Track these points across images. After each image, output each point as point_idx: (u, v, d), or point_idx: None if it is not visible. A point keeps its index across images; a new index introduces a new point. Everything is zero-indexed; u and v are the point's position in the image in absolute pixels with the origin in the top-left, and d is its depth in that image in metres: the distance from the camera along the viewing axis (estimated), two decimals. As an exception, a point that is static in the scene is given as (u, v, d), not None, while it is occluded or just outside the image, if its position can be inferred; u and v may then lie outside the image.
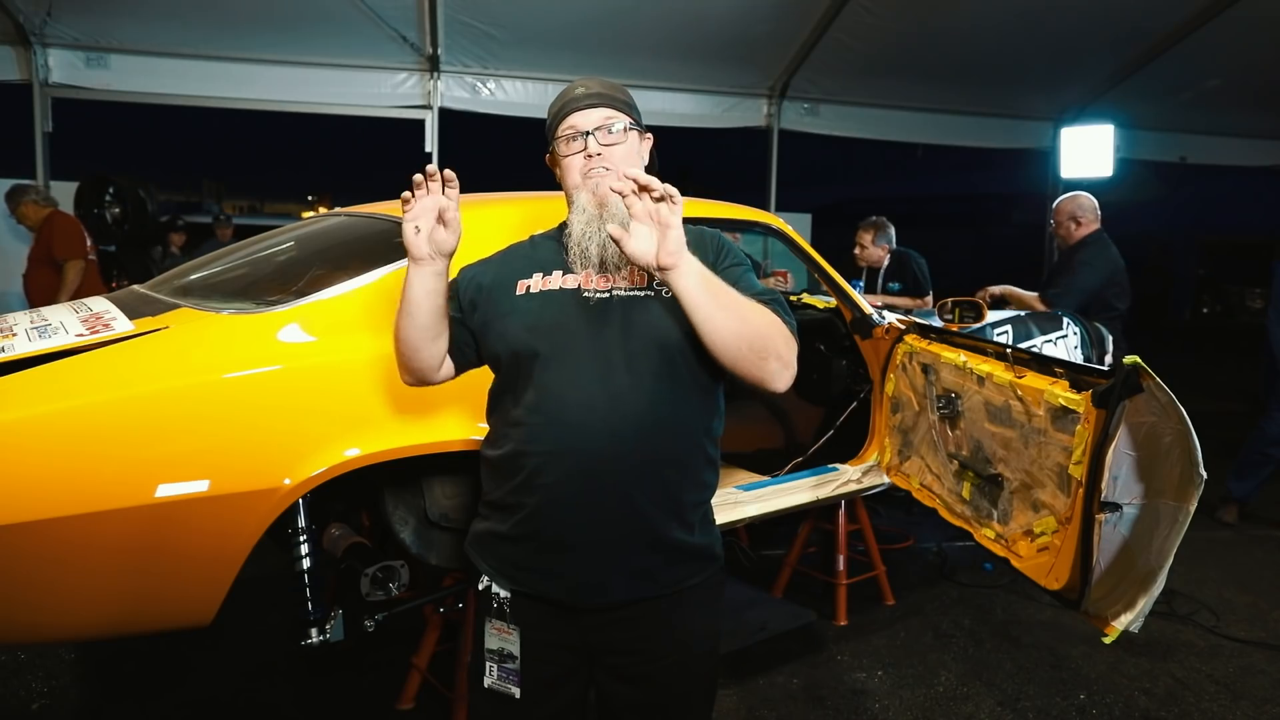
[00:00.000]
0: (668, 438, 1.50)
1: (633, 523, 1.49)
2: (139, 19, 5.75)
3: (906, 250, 5.20)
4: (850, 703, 2.88)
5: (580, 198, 1.54)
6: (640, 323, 1.50)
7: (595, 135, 1.54)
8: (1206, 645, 3.33)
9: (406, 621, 2.42)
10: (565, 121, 1.56)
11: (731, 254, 1.63)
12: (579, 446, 1.46)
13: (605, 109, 1.56)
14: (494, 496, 1.58)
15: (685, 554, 1.56)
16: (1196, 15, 6.54)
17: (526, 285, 1.57)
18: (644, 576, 1.53)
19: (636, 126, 1.60)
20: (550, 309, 1.53)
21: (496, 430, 1.59)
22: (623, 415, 1.46)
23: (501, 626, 1.57)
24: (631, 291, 1.53)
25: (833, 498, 3.19)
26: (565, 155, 1.56)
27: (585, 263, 1.52)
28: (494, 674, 1.58)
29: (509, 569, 1.56)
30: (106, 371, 1.87)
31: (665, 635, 1.56)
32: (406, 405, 2.04)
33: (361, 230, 2.66)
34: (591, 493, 1.47)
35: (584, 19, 6.10)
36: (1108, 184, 7.37)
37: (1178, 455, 2.02)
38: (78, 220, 5.62)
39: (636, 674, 1.57)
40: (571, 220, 1.55)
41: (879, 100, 7.42)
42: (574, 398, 1.46)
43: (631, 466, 1.47)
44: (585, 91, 1.57)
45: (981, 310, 3.62)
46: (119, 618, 1.95)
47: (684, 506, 1.55)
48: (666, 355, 1.49)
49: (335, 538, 2.32)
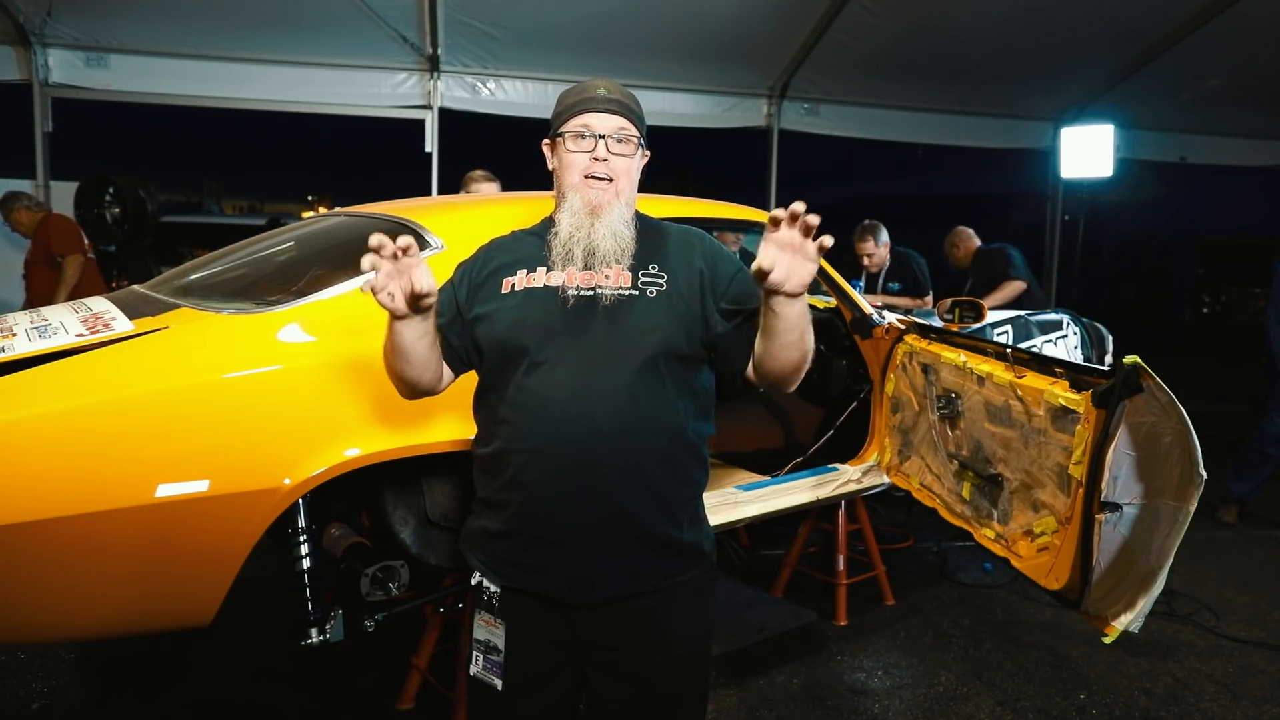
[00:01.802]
0: (652, 435, 1.50)
1: (619, 519, 1.50)
2: (139, 19, 5.75)
3: (906, 250, 5.21)
4: (850, 703, 2.88)
5: (574, 199, 1.54)
6: (625, 321, 1.51)
7: (607, 141, 1.54)
8: (1206, 645, 3.33)
9: (406, 621, 2.42)
10: (580, 118, 1.55)
11: (730, 260, 1.64)
12: (563, 443, 1.46)
13: (622, 118, 1.56)
14: (484, 494, 1.59)
15: (673, 550, 1.57)
16: (1196, 15, 6.54)
17: (511, 283, 1.57)
18: (631, 573, 1.53)
19: (642, 144, 1.61)
20: (534, 306, 1.53)
21: (484, 428, 1.60)
22: (606, 412, 1.46)
23: (489, 619, 1.59)
24: (616, 290, 1.53)
25: (833, 498, 3.19)
26: (571, 151, 1.56)
27: (569, 262, 1.52)
28: (479, 663, 1.61)
29: (498, 564, 1.58)
30: (106, 371, 1.88)
31: (653, 632, 1.57)
32: (406, 406, 2.03)
33: (361, 230, 2.64)
34: (576, 489, 1.48)
35: (584, 19, 6.10)
36: (1108, 184, 7.38)
37: (1178, 455, 2.02)
38: (73, 220, 5.63)
39: (624, 670, 1.57)
40: (560, 217, 1.55)
41: (879, 100, 7.41)
42: (557, 395, 1.47)
43: (616, 463, 1.48)
44: (606, 95, 1.57)
45: (981, 310, 3.62)
46: (119, 618, 1.95)
47: (671, 503, 1.55)
48: (650, 354, 1.50)
49: (335, 538, 2.32)
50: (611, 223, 1.53)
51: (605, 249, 1.52)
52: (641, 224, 1.63)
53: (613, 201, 1.55)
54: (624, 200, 1.57)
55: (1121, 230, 14.12)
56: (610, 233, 1.52)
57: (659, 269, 1.57)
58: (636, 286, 1.54)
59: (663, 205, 2.60)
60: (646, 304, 1.52)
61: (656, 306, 1.52)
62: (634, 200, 1.62)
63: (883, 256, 5.10)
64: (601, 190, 1.54)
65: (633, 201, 1.61)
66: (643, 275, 1.55)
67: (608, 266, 1.52)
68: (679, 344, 1.52)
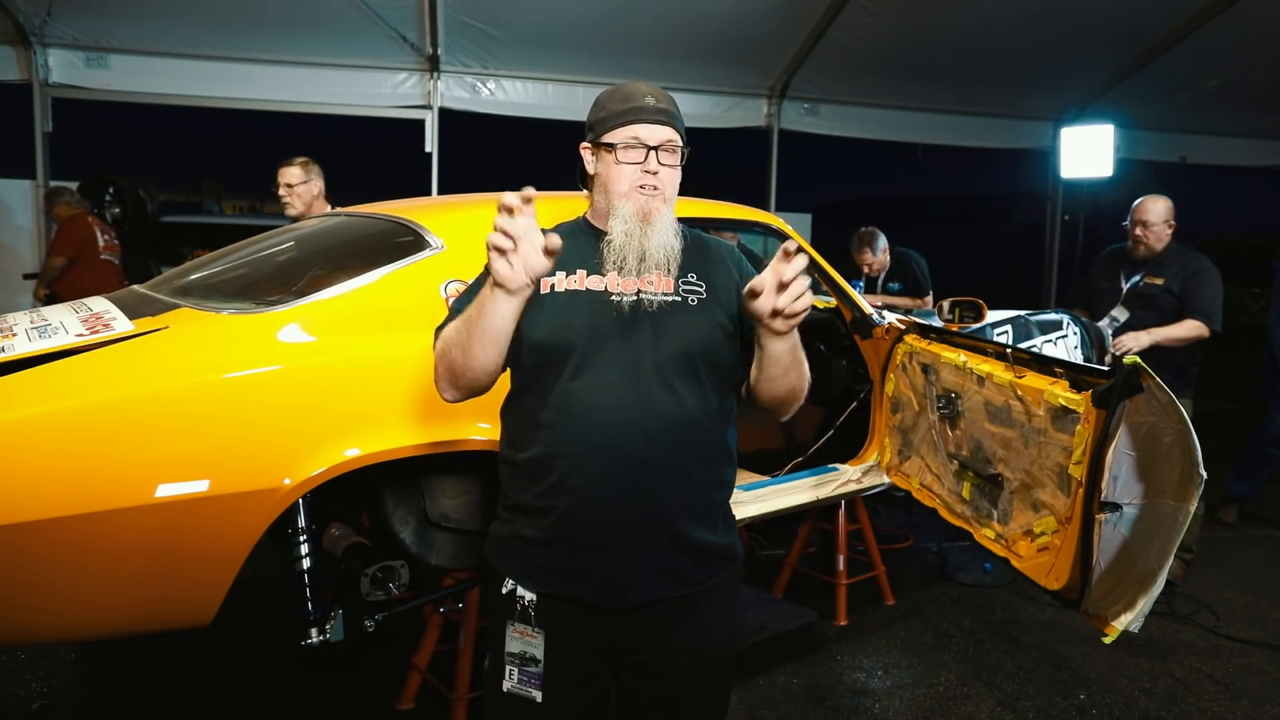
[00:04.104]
0: (698, 439, 1.53)
1: (662, 523, 1.51)
2: (139, 19, 5.74)
3: (906, 250, 5.21)
4: (850, 703, 2.88)
5: (624, 207, 1.53)
6: (669, 327, 1.52)
7: (657, 154, 1.54)
8: (1206, 645, 3.33)
9: (406, 621, 2.42)
10: (630, 129, 1.53)
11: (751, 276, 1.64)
12: (611, 449, 1.47)
13: (670, 128, 1.56)
14: (520, 500, 1.57)
15: (711, 554, 1.59)
16: (1196, 15, 6.54)
17: (550, 284, 1.56)
18: (672, 575, 1.55)
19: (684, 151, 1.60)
20: (579, 310, 1.52)
21: (520, 432, 1.57)
22: (655, 416, 1.48)
23: (525, 630, 1.56)
24: (660, 296, 1.54)
25: (833, 498, 3.19)
26: (622, 162, 1.54)
27: (624, 270, 1.52)
28: (514, 678, 1.57)
29: (536, 571, 1.56)
30: (106, 371, 1.88)
31: (689, 632, 1.59)
32: (406, 405, 2.04)
33: (361, 230, 2.66)
34: (623, 494, 1.48)
35: (584, 19, 6.10)
36: (1108, 184, 7.37)
37: (1178, 455, 2.02)
38: (84, 222, 5.59)
39: (660, 670, 1.59)
40: (612, 225, 1.54)
41: (879, 100, 7.41)
42: (605, 400, 1.47)
43: (662, 468, 1.49)
44: (655, 105, 1.55)
45: (981, 310, 3.63)
46: (119, 618, 1.95)
47: (709, 506, 1.59)
48: (691, 360, 1.52)
49: (335, 538, 2.31)
50: (662, 230, 1.53)
51: (658, 257, 1.52)
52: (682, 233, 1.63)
53: (661, 208, 1.55)
54: (670, 206, 1.58)
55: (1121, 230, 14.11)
56: (661, 241, 1.52)
57: (697, 278, 1.59)
58: (679, 293, 1.55)
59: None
60: (689, 311, 1.54)
61: (699, 314, 1.55)
62: (675, 207, 1.62)
63: (883, 262, 5.09)
64: (651, 197, 1.54)
65: (674, 208, 1.61)
66: (683, 284, 1.57)
67: (651, 273, 1.53)
68: (719, 352, 1.55)
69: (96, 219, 5.68)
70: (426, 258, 2.26)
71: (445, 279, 2.22)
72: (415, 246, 2.30)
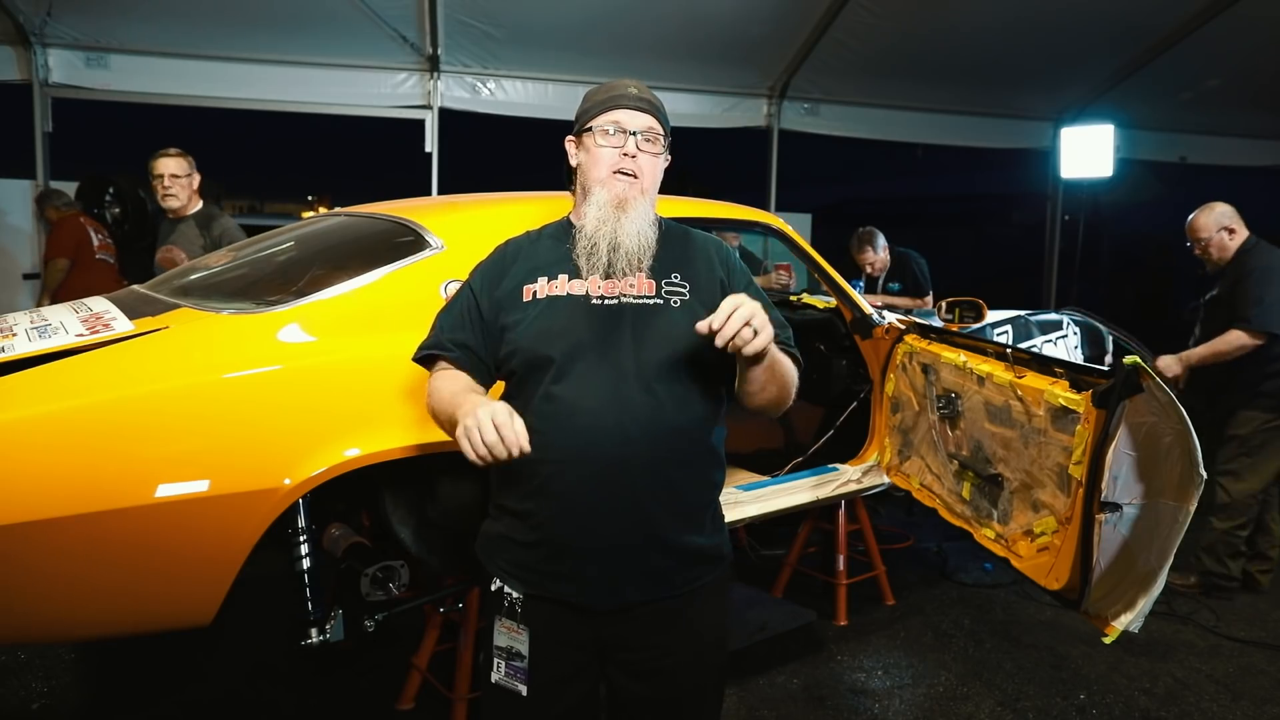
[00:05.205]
0: (678, 442, 1.52)
1: (646, 526, 1.51)
2: (139, 19, 5.74)
3: (906, 250, 5.21)
4: (850, 703, 2.88)
5: (600, 193, 1.55)
6: (650, 331, 1.52)
7: (636, 139, 1.56)
8: (1206, 645, 3.33)
9: (406, 621, 2.42)
10: (611, 114, 1.57)
11: (743, 273, 1.65)
12: (591, 453, 1.47)
13: (652, 118, 1.59)
14: (506, 501, 1.58)
15: (697, 555, 1.59)
16: (1196, 15, 6.54)
17: (533, 290, 1.57)
18: (658, 578, 1.55)
19: (666, 147, 1.62)
20: (559, 315, 1.53)
21: None
22: (635, 421, 1.47)
23: (511, 625, 1.58)
24: (641, 299, 1.54)
25: (833, 498, 3.19)
26: (601, 145, 1.57)
27: (594, 258, 1.53)
28: (501, 670, 1.59)
29: (522, 572, 1.57)
30: (107, 371, 1.87)
31: (677, 632, 1.58)
32: (406, 405, 2.04)
33: (361, 230, 2.66)
34: (606, 498, 1.48)
35: (584, 19, 6.10)
36: (1108, 184, 7.37)
37: (1178, 455, 2.02)
38: (76, 223, 5.59)
39: (649, 670, 1.59)
40: (586, 211, 1.56)
41: (879, 100, 7.41)
42: (587, 405, 1.48)
43: (644, 472, 1.49)
44: (637, 94, 1.59)
45: (981, 310, 3.63)
46: (119, 618, 1.95)
47: (694, 508, 1.58)
48: (675, 363, 1.51)
49: (335, 538, 2.31)
50: (637, 220, 1.54)
51: (629, 246, 1.52)
52: (664, 228, 1.64)
53: (638, 198, 1.56)
54: (649, 199, 1.59)
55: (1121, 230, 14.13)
56: (635, 230, 1.53)
57: (681, 278, 1.59)
58: (660, 296, 1.55)
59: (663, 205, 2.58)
60: (671, 314, 1.54)
61: (680, 316, 1.54)
62: (656, 201, 1.63)
63: (884, 261, 5.11)
64: (629, 184, 1.55)
65: (655, 202, 1.63)
66: (666, 285, 1.57)
67: (631, 273, 1.53)
68: (702, 354, 1.53)
69: (90, 219, 5.67)
70: (426, 258, 2.26)
71: (445, 279, 2.22)
72: (415, 246, 2.30)
